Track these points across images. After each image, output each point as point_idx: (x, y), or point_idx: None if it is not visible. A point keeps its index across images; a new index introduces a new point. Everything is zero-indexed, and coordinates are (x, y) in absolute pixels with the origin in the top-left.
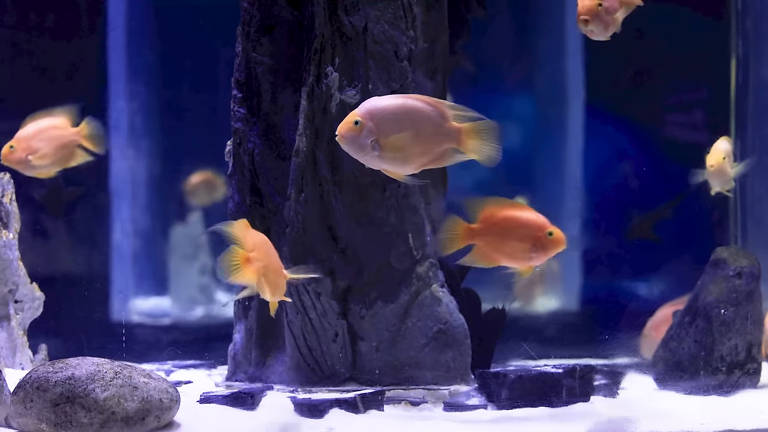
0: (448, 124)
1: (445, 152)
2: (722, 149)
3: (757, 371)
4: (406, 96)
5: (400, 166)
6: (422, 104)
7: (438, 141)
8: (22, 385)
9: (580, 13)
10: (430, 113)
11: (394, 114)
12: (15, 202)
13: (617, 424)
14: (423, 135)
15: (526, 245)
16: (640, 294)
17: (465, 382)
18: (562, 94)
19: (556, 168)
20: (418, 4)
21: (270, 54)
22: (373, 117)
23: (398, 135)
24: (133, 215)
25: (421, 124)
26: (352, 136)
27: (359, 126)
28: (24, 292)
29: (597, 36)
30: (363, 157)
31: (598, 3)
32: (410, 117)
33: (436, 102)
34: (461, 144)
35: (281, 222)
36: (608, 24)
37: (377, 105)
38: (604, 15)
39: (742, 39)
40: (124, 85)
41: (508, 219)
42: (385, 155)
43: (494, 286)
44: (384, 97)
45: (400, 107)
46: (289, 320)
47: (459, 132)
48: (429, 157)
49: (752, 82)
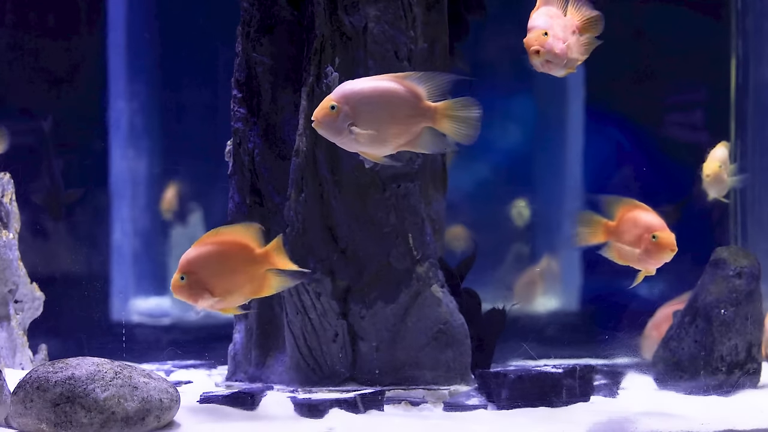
0: (423, 103)
1: (421, 132)
2: (718, 158)
3: (757, 371)
4: (380, 77)
5: (378, 148)
6: (396, 85)
7: (414, 121)
8: (22, 385)
9: (528, 45)
10: (404, 93)
11: (369, 96)
12: (15, 202)
13: (617, 424)
14: (398, 116)
15: (636, 248)
16: (640, 294)
17: (465, 382)
18: (562, 94)
19: (556, 168)
20: (418, 4)
21: (270, 54)
22: (348, 101)
23: (374, 117)
24: (133, 215)
25: (396, 105)
26: (329, 120)
27: (336, 110)
28: (24, 292)
29: (555, 70)
30: (340, 141)
31: (543, 32)
32: (385, 98)
33: (409, 81)
34: (436, 123)
35: (281, 222)
36: (563, 56)
37: (352, 88)
38: (556, 44)
39: (742, 39)
40: (124, 85)
41: (628, 219)
42: (361, 138)
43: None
44: (358, 80)
45: (375, 89)
46: (289, 320)
47: (434, 111)
48: (405, 137)
49: (752, 82)
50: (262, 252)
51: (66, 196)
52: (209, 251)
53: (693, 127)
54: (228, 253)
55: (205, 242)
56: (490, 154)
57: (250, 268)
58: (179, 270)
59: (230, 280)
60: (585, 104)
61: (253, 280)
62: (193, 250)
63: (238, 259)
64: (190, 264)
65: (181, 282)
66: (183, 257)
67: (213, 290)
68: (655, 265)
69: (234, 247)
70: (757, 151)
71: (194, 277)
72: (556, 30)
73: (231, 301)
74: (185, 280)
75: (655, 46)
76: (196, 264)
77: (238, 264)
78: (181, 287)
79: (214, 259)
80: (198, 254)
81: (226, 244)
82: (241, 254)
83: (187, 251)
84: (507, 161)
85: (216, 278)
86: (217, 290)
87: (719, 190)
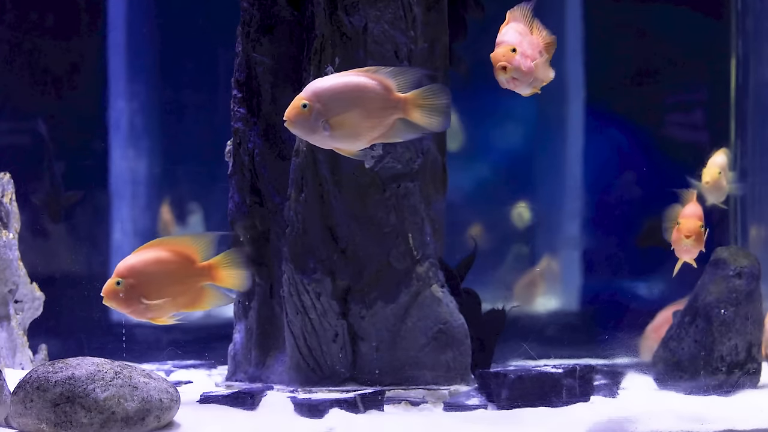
0: (393, 95)
1: (393, 124)
2: (718, 164)
3: (757, 371)
4: (349, 72)
5: (351, 143)
6: (366, 79)
7: (386, 113)
8: (22, 385)
9: (495, 60)
10: (374, 87)
11: (339, 92)
12: (15, 202)
13: (617, 424)
14: (370, 109)
15: None
16: (640, 294)
17: (465, 382)
18: (562, 94)
19: (556, 168)
20: (418, 4)
21: (270, 54)
22: (319, 98)
23: (346, 112)
24: (133, 215)
25: (367, 99)
26: (302, 119)
27: (308, 109)
28: (24, 292)
29: (521, 88)
30: (314, 139)
31: (512, 48)
32: (356, 93)
33: (379, 75)
34: (408, 113)
35: (281, 222)
36: (530, 74)
37: (323, 86)
38: (524, 62)
39: (742, 39)
40: (124, 85)
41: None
42: (335, 134)
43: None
44: (327, 77)
45: (345, 85)
46: (289, 320)
47: (404, 102)
48: (378, 130)
49: (752, 82)
50: (204, 265)
51: (65, 199)
52: (148, 259)
53: (693, 127)
54: (167, 262)
55: (145, 250)
56: (491, 154)
57: (188, 280)
58: (115, 274)
59: (165, 290)
60: (585, 104)
61: (188, 293)
62: (133, 257)
63: (176, 270)
64: (128, 269)
65: (116, 287)
66: (121, 262)
67: (147, 298)
68: (684, 254)
69: (174, 258)
70: (757, 151)
71: (130, 282)
72: (525, 47)
73: (163, 311)
74: (120, 286)
75: (656, 45)
76: (134, 270)
77: (176, 275)
78: (114, 292)
79: (152, 267)
80: (136, 261)
81: (167, 253)
82: (181, 265)
83: (126, 257)
84: (507, 161)
85: (152, 287)
86: (151, 299)
87: (718, 196)
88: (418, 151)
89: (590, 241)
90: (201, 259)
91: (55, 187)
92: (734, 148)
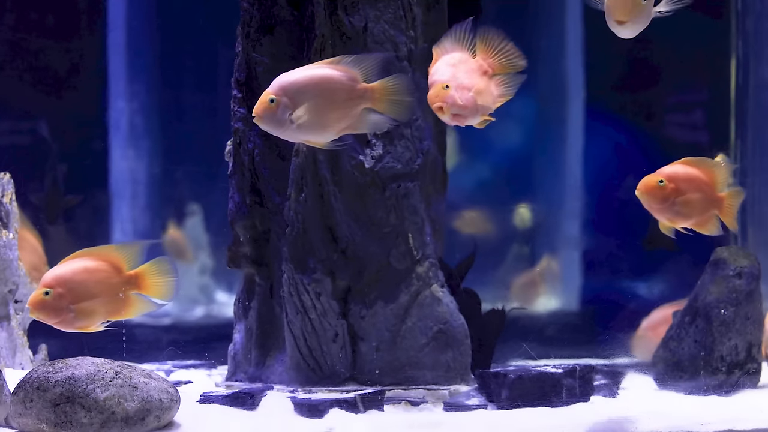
0: (359, 85)
1: (360, 114)
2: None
3: (757, 371)
4: (314, 65)
5: (320, 135)
6: (331, 70)
7: (352, 104)
8: (22, 385)
9: (431, 102)
10: (340, 78)
11: (305, 85)
12: (15, 202)
13: (617, 424)
14: (337, 100)
15: None
16: (640, 294)
17: (465, 382)
18: (562, 94)
19: (556, 168)
20: (418, 4)
21: (270, 54)
22: (286, 92)
23: (313, 104)
24: (133, 215)
25: (333, 90)
26: (270, 114)
27: (275, 103)
28: (24, 292)
29: (470, 120)
30: (283, 133)
31: (444, 85)
32: (322, 85)
33: (343, 66)
34: (374, 103)
35: (281, 222)
36: (471, 106)
37: (288, 79)
38: (460, 95)
39: (742, 39)
40: (124, 85)
41: None
42: (303, 127)
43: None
44: (293, 71)
45: (311, 78)
46: (289, 320)
47: (370, 91)
48: (346, 120)
49: (752, 82)
50: (131, 274)
51: (65, 202)
52: (76, 268)
53: (693, 127)
54: (94, 271)
55: (72, 260)
56: (491, 154)
57: (115, 288)
58: (42, 284)
59: (93, 299)
60: (585, 104)
61: (115, 301)
62: (60, 267)
63: (103, 278)
64: (55, 279)
65: (45, 297)
66: (48, 273)
67: (75, 307)
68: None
69: (101, 266)
70: (757, 151)
71: (58, 292)
72: (461, 78)
73: (91, 320)
74: (48, 296)
75: (656, 45)
76: (62, 279)
77: (103, 283)
78: (43, 302)
79: (79, 276)
80: (64, 270)
81: (94, 262)
82: (108, 274)
83: (53, 267)
84: (507, 161)
85: (80, 296)
86: (79, 308)
87: None
88: (418, 151)
89: (590, 241)
90: (128, 268)
91: (56, 189)
92: (734, 148)
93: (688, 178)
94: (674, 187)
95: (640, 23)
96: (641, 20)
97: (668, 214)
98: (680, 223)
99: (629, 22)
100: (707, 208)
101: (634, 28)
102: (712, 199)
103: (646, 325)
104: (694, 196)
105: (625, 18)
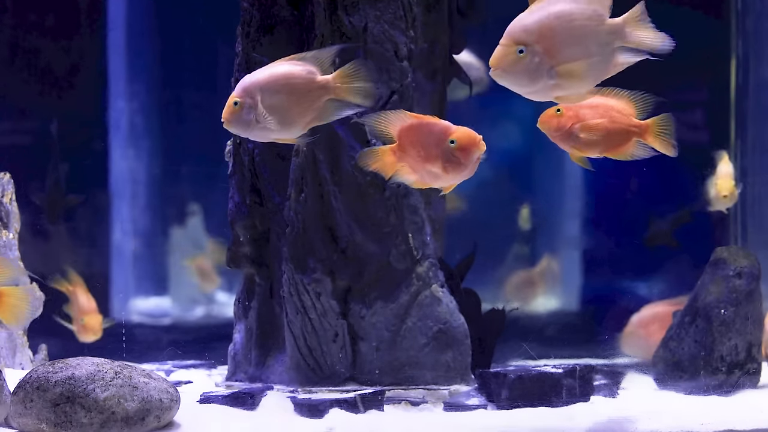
0: (319, 78)
1: (324, 106)
2: (730, 173)
3: (757, 371)
4: (275, 63)
5: (288, 131)
6: (291, 66)
7: (315, 96)
8: (22, 385)
9: None
10: (300, 73)
11: (267, 84)
12: (15, 202)
13: (617, 424)
14: (297, 96)
15: None
16: (640, 294)
17: (465, 382)
18: None
19: (556, 168)
20: (418, 5)
21: (270, 54)
22: (248, 93)
23: (277, 102)
24: (133, 215)
25: (292, 86)
26: (236, 117)
27: (239, 105)
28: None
29: None
30: (251, 134)
31: None
32: (283, 82)
33: (303, 60)
34: (336, 93)
35: (281, 222)
36: None
37: (250, 80)
38: None
39: (742, 39)
40: (124, 85)
41: None
42: (269, 125)
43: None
44: (254, 72)
45: (272, 76)
46: (289, 320)
47: (330, 82)
48: (311, 114)
49: (752, 82)
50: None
51: (66, 202)
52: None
53: (693, 127)
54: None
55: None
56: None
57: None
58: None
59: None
60: None
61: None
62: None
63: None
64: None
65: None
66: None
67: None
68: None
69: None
70: (757, 151)
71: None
72: None
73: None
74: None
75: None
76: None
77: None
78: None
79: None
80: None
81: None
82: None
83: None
84: (507, 161)
85: None
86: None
87: (728, 204)
88: None
89: (590, 241)
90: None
91: (57, 188)
92: (734, 148)
93: (590, 106)
94: (573, 115)
95: (514, 76)
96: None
97: (570, 142)
98: (591, 152)
99: (499, 70)
100: (622, 135)
101: (508, 80)
102: (628, 125)
103: (635, 321)
104: (597, 123)
105: (493, 65)
